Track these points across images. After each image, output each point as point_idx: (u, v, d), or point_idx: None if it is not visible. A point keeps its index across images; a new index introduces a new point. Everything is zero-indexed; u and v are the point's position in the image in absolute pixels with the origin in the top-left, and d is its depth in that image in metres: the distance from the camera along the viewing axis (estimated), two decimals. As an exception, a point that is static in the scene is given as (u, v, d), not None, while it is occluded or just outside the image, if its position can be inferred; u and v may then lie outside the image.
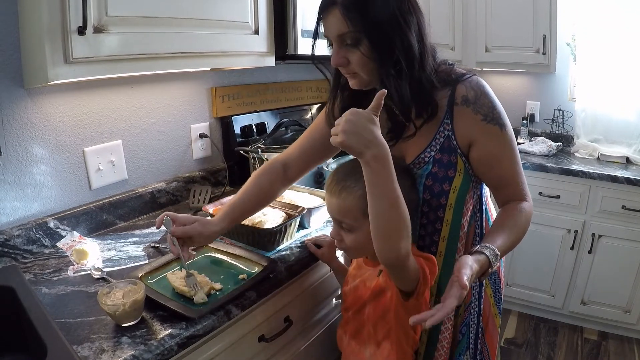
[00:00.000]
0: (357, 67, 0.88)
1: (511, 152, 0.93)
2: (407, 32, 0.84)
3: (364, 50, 0.84)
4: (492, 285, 1.06)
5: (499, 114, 0.91)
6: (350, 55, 0.87)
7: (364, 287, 0.97)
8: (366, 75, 0.89)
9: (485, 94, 0.90)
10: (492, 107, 0.90)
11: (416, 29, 0.85)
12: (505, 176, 0.94)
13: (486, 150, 0.92)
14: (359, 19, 0.82)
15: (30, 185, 1.14)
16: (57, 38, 0.87)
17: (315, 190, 1.44)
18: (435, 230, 0.99)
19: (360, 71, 0.88)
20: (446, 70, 0.92)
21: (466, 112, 0.90)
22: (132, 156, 1.40)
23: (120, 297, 0.83)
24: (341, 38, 0.86)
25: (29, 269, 1.05)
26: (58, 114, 1.18)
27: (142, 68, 1.05)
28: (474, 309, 1.03)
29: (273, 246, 1.16)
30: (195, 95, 1.58)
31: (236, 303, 0.93)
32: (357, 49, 0.85)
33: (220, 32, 1.22)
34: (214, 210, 1.25)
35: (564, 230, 2.30)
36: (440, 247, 0.99)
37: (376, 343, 0.94)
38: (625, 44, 2.33)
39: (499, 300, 1.08)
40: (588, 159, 2.42)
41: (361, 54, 0.85)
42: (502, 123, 0.91)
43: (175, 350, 0.81)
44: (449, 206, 0.96)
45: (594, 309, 2.32)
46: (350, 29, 0.83)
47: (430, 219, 0.98)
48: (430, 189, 0.95)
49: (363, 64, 0.87)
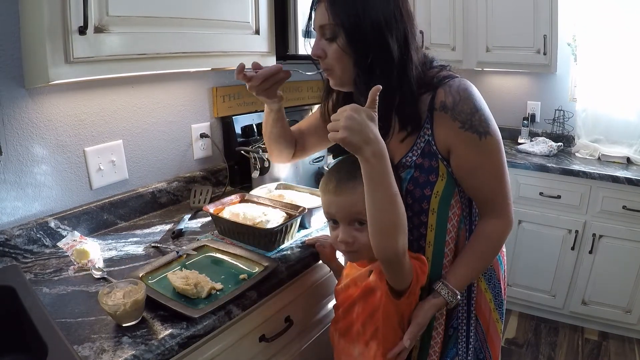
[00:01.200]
0: (332, 61, 0.89)
1: (490, 164, 0.89)
2: (387, 37, 0.84)
3: (341, 43, 0.86)
4: (491, 290, 1.04)
5: (479, 121, 0.86)
6: (328, 48, 0.89)
7: (354, 286, 0.97)
8: (340, 71, 0.90)
9: (465, 99, 0.86)
10: (472, 113, 0.86)
11: (400, 36, 0.86)
12: (481, 188, 0.91)
13: (463, 158, 0.89)
14: (341, 13, 0.84)
15: (31, 185, 1.14)
16: (58, 38, 0.87)
17: (316, 190, 1.43)
18: (420, 235, 0.98)
19: (335, 66, 0.90)
20: (432, 74, 0.91)
21: (445, 118, 0.88)
22: (133, 156, 1.40)
23: (120, 297, 0.82)
24: (322, 29, 0.88)
25: (30, 269, 1.05)
26: (59, 113, 1.18)
27: (143, 68, 1.06)
28: (462, 313, 1.01)
29: (274, 246, 1.16)
30: (196, 95, 1.58)
31: (237, 303, 0.93)
32: (334, 42, 0.87)
33: (221, 32, 1.22)
34: (215, 210, 1.25)
35: (565, 230, 2.29)
36: (427, 253, 0.98)
37: (364, 342, 0.94)
38: (625, 44, 2.32)
39: (499, 305, 1.05)
40: (589, 159, 2.41)
41: (337, 47, 0.86)
42: (482, 131, 0.87)
43: (176, 350, 0.81)
44: (431, 211, 0.95)
45: (595, 309, 2.32)
46: (330, 22, 0.85)
47: (414, 224, 0.97)
48: (411, 193, 0.95)
49: (338, 58, 0.88)
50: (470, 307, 1.02)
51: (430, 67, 0.93)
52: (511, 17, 2.42)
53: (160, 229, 1.31)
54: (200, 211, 1.42)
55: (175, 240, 1.23)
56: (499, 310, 1.05)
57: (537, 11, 2.35)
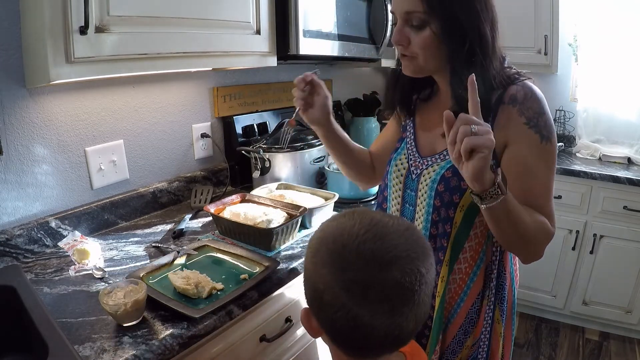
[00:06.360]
0: (418, 49, 0.83)
1: (544, 171, 0.83)
2: (482, 24, 0.81)
3: (435, 31, 0.80)
4: (503, 322, 0.94)
5: (544, 123, 0.82)
6: (413, 36, 0.83)
7: None
8: (425, 60, 0.85)
9: (535, 99, 0.83)
10: (539, 114, 0.82)
11: (490, 24, 0.82)
12: (532, 193, 0.83)
13: (519, 155, 0.83)
14: (435, 1, 0.79)
15: (31, 184, 1.14)
16: (59, 38, 0.87)
17: (317, 191, 1.44)
18: (441, 246, 0.91)
19: (420, 54, 0.84)
20: (507, 72, 0.88)
21: (511, 111, 0.83)
22: (134, 156, 1.40)
23: (121, 297, 0.82)
24: (408, 16, 0.82)
25: (31, 269, 1.05)
26: (60, 113, 1.18)
27: (144, 68, 1.05)
28: (483, 348, 0.92)
29: (275, 246, 1.16)
30: (196, 95, 1.58)
31: (237, 303, 0.93)
32: (422, 30, 0.81)
33: (221, 32, 1.22)
34: (216, 210, 1.26)
35: (566, 230, 2.29)
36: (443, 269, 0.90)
37: None
38: (626, 44, 2.32)
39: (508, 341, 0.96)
40: (590, 159, 2.41)
41: (429, 35, 0.81)
42: (545, 135, 0.82)
43: (176, 350, 0.81)
44: (454, 222, 0.88)
45: (596, 309, 2.32)
46: (422, 9, 0.80)
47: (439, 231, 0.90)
48: (440, 195, 0.88)
49: (426, 46, 0.82)
50: (489, 342, 0.93)
51: (505, 66, 0.89)
52: (512, 17, 2.41)
53: (161, 228, 1.31)
54: (201, 211, 1.42)
55: (176, 240, 1.23)
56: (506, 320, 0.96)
57: (538, 11, 2.35)
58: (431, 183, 0.90)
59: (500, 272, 0.92)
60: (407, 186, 0.97)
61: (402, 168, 0.98)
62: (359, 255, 0.56)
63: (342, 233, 0.59)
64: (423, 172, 0.93)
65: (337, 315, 0.57)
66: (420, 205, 0.94)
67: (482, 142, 0.66)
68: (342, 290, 0.56)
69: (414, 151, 0.98)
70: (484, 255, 0.90)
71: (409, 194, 0.96)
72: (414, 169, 0.96)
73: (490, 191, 0.72)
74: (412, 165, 0.96)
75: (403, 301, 0.56)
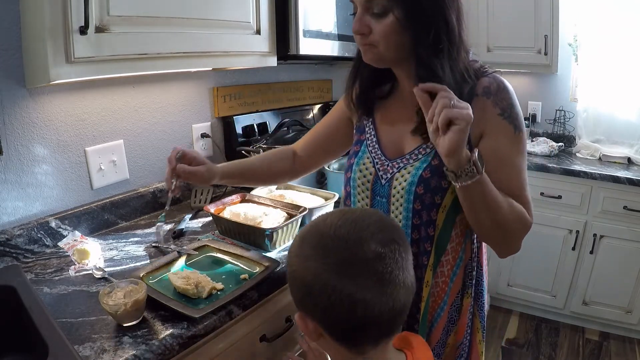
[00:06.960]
0: (379, 38, 0.80)
1: (520, 160, 0.84)
2: (447, 9, 0.78)
3: (398, 18, 0.77)
4: (482, 330, 0.95)
5: (516, 115, 0.84)
6: (374, 24, 0.79)
7: None
8: (387, 48, 0.81)
9: (507, 90, 0.84)
10: (512, 105, 0.84)
11: (456, 12, 0.80)
12: (511, 182, 0.83)
13: (496, 146, 0.82)
14: None
15: (31, 184, 1.14)
16: (59, 38, 0.87)
17: (317, 191, 1.44)
18: (425, 250, 0.88)
19: (382, 43, 0.80)
20: (474, 65, 0.87)
21: (485, 103, 0.83)
22: (134, 156, 1.40)
23: (121, 297, 0.82)
24: (369, 4, 0.79)
25: (31, 269, 1.05)
26: (60, 113, 1.18)
27: (144, 68, 1.05)
28: (464, 350, 0.93)
29: (275, 246, 1.16)
30: (196, 95, 1.58)
31: (238, 303, 0.93)
32: (384, 18, 0.78)
33: (221, 32, 1.22)
34: (216, 210, 1.26)
35: (566, 230, 2.29)
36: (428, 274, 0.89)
37: None
38: (626, 44, 2.32)
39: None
40: (590, 159, 2.41)
41: (391, 22, 0.77)
42: (517, 125, 0.83)
43: (176, 350, 0.81)
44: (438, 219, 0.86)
45: (596, 309, 2.32)
46: None
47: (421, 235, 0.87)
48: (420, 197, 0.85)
49: (387, 34, 0.79)
50: (469, 345, 0.94)
51: (470, 59, 0.88)
52: (512, 17, 2.42)
53: (161, 228, 1.31)
54: (201, 211, 1.42)
55: (176, 240, 1.23)
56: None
57: (538, 11, 2.35)
58: (408, 186, 0.85)
59: (477, 268, 0.93)
60: (376, 193, 0.91)
61: (368, 173, 0.92)
62: (338, 238, 0.62)
63: (319, 226, 0.66)
64: (395, 175, 0.87)
65: (331, 300, 0.60)
66: (395, 212, 0.88)
67: (460, 114, 0.69)
68: (330, 274, 0.60)
69: (379, 153, 0.92)
70: (463, 254, 0.90)
71: (379, 201, 0.90)
72: (383, 174, 0.90)
73: (465, 168, 0.73)
74: (380, 169, 0.90)
75: (387, 270, 0.61)
